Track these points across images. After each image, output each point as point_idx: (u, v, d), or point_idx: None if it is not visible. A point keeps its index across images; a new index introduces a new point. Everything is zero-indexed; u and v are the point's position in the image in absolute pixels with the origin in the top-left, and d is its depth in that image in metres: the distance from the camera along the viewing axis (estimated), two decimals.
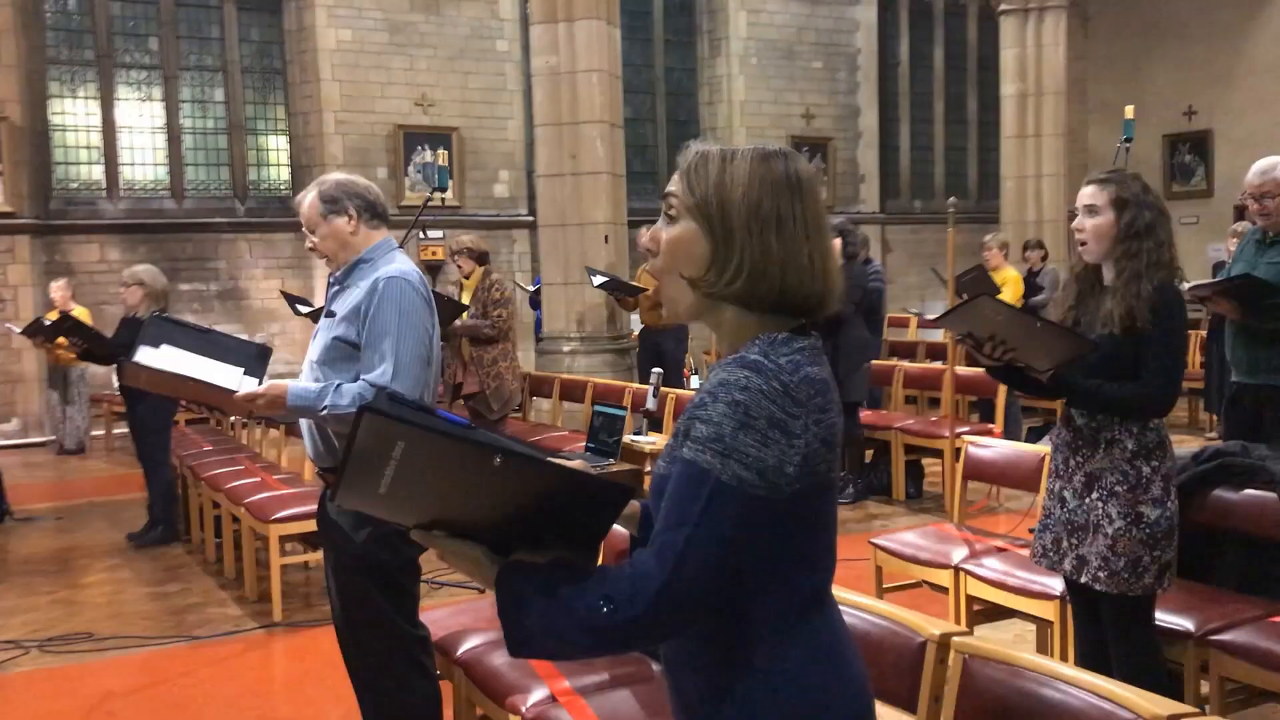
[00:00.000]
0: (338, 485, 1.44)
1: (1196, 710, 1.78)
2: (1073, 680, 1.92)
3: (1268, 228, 4.53)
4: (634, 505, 1.67)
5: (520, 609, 1.40)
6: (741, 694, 1.46)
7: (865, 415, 7.68)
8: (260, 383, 3.08)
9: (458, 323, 6.68)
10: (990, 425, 7.50)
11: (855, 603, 2.38)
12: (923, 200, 16.57)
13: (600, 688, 2.89)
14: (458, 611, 3.74)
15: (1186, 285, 4.53)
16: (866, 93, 15.78)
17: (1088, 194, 3.10)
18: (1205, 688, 3.29)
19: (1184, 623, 3.27)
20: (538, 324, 10.15)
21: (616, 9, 9.08)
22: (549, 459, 1.47)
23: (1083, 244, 3.11)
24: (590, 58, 8.75)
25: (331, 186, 3.14)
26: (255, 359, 3.19)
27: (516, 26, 12.88)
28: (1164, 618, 3.27)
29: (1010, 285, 8.77)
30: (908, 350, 11.06)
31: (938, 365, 8.68)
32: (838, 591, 2.45)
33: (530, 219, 12.28)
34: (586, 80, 8.75)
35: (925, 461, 7.70)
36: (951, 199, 6.95)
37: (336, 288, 3.15)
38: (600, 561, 2.06)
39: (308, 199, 3.14)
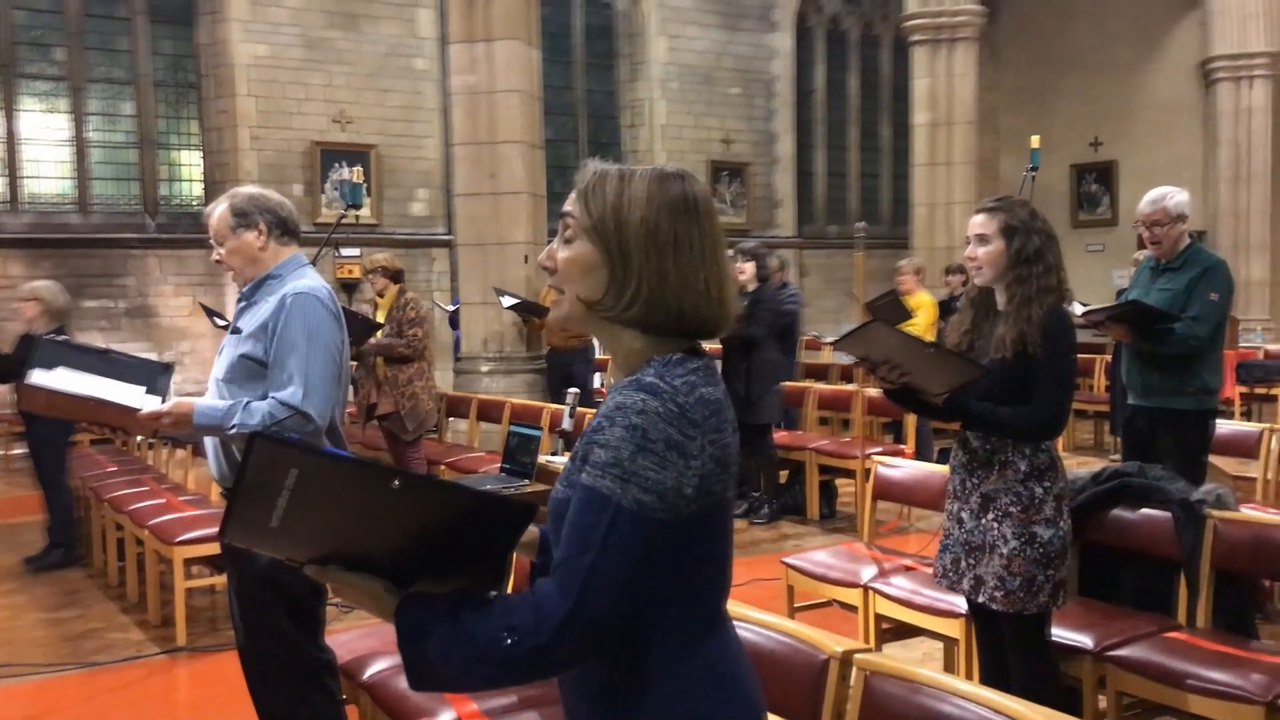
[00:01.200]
0: (226, 521, 1.39)
1: None
2: (969, 695, 1.95)
3: (1159, 255, 4.70)
4: (532, 531, 1.66)
5: (421, 642, 1.37)
6: (634, 715, 1.46)
7: (780, 436, 7.76)
8: (164, 401, 3.01)
9: (372, 341, 6.61)
10: (902, 446, 7.63)
11: (760, 621, 2.40)
12: (838, 225, 16.84)
13: (508, 710, 2.87)
14: (366, 635, 3.68)
15: (1081, 310, 4.69)
16: (783, 119, 16.02)
17: (978, 223, 3.17)
18: (1104, 703, 3.37)
19: (1083, 639, 3.35)
20: (456, 344, 10.08)
21: (536, 30, 9.10)
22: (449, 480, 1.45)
23: (977, 270, 3.19)
24: (510, 78, 8.74)
25: (243, 200, 3.10)
26: (156, 377, 3.11)
27: (435, 45, 12.83)
28: (1063, 635, 3.35)
29: (924, 310, 8.93)
30: (821, 372, 11.21)
31: (850, 387, 8.80)
32: (745, 610, 2.49)
33: (449, 238, 12.21)
34: (506, 100, 8.74)
35: (839, 482, 7.80)
36: (861, 223, 7.08)
37: (244, 304, 3.10)
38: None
39: (217, 211, 3.09)
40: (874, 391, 7.31)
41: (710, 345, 1.83)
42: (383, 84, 12.80)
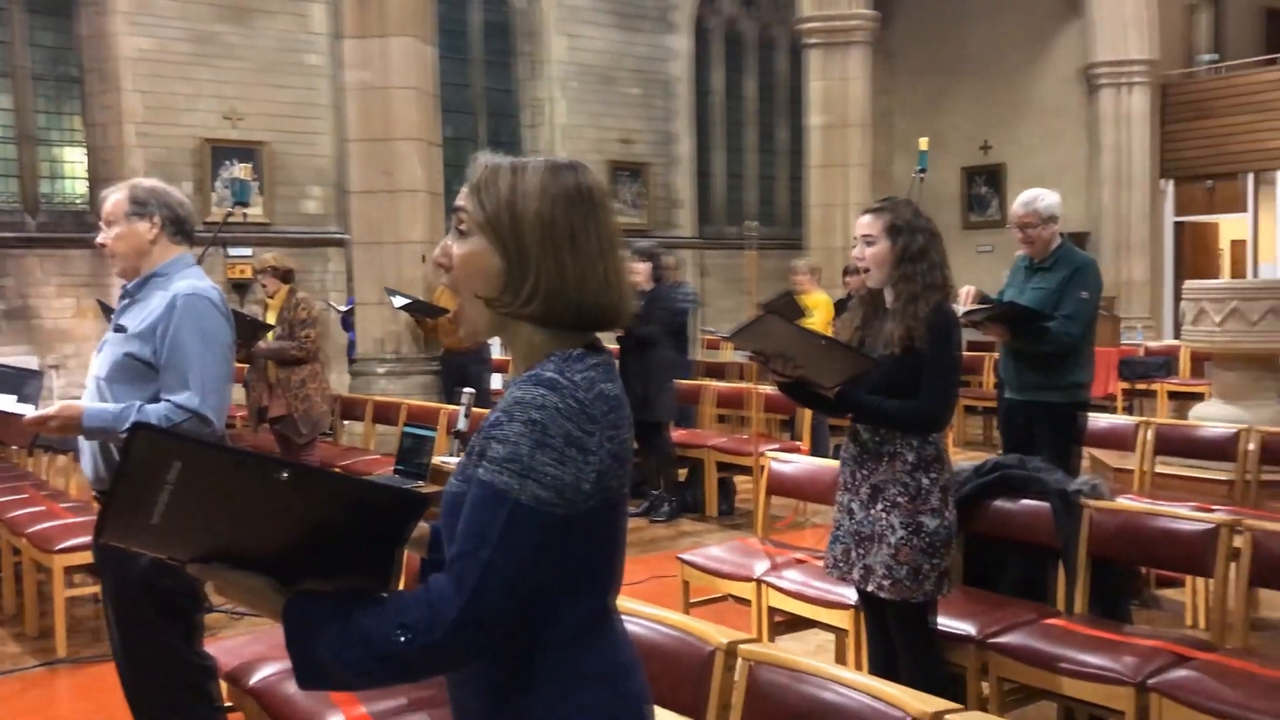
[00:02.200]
0: (103, 519, 1.33)
1: (959, 707, 1.88)
2: (850, 683, 1.99)
3: (1032, 255, 4.87)
4: (423, 528, 1.64)
5: (310, 640, 1.35)
6: (521, 711, 1.45)
7: (678, 435, 7.81)
8: (35, 409, 2.92)
9: (262, 344, 6.46)
10: (798, 443, 7.75)
11: (650, 615, 2.41)
12: (737, 226, 16.97)
13: (398, 713, 2.84)
14: (253, 640, 3.61)
15: (960, 311, 4.84)
16: (682, 120, 16.11)
17: (864, 224, 3.25)
18: (987, 689, 3.46)
19: (966, 628, 3.44)
20: (351, 345, 9.91)
21: (431, 26, 9.01)
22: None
23: (865, 271, 3.27)
24: (405, 74, 8.64)
25: (144, 190, 3.04)
26: (25, 384, 3.02)
27: (328, 40, 12.60)
28: (948, 623, 3.43)
29: (820, 309, 9.07)
30: (720, 371, 11.30)
31: (747, 385, 8.89)
32: (635, 604, 2.50)
33: (344, 236, 12.00)
34: (401, 97, 8.64)
35: (737, 479, 7.87)
36: (753, 222, 7.17)
37: (127, 300, 3.02)
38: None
39: (116, 195, 3.03)
40: (771, 389, 7.41)
41: (608, 343, 1.84)
42: (274, 80, 12.52)
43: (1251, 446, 5.20)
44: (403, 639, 1.32)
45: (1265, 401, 7.15)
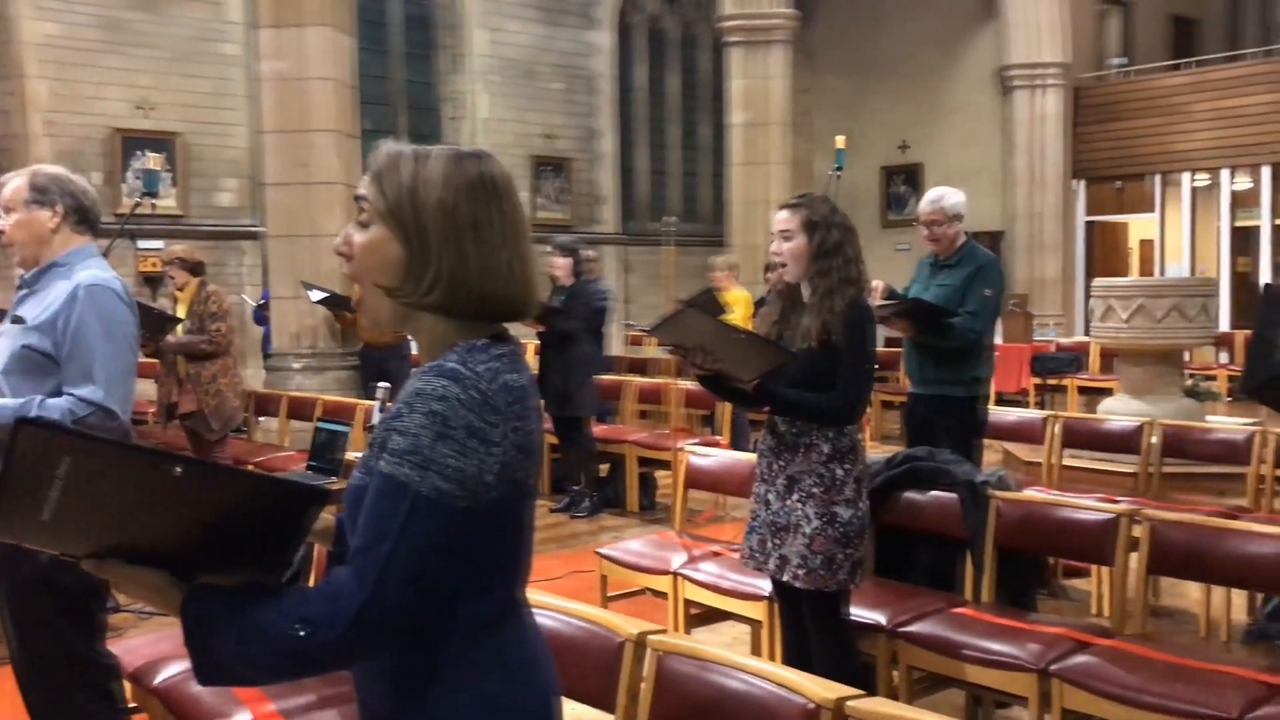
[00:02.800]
0: None
1: (861, 693, 1.90)
2: (756, 671, 2.01)
3: (938, 252, 4.97)
4: (329, 520, 1.62)
5: (209, 635, 1.33)
6: (427, 703, 1.44)
7: (600, 430, 7.81)
8: None
9: (171, 339, 6.32)
10: (718, 438, 7.79)
11: (561, 608, 2.41)
12: (660, 222, 17.05)
13: (307, 709, 2.80)
14: (159, 639, 3.52)
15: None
16: (606, 116, 16.11)
17: (781, 219, 3.29)
18: (897, 677, 3.52)
19: (877, 617, 3.49)
20: (267, 340, 9.74)
21: (350, 17, 8.88)
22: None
23: (782, 265, 3.30)
24: (322, 65, 8.50)
25: (46, 177, 2.96)
26: None
27: (244, 29, 12.36)
28: (860, 613, 3.49)
29: (740, 305, 9.12)
30: (642, 366, 11.33)
31: (667, 380, 8.93)
32: (546, 597, 2.49)
33: (259, 229, 11.79)
34: (319, 88, 8.50)
35: (658, 474, 7.90)
36: (672, 217, 7.19)
37: (25, 291, 2.94)
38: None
39: (16, 181, 2.96)
40: (692, 385, 7.44)
41: (529, 340, 1.82)
42: (188, 69, 12.24)
43: (1154, 440, 5.35)
44: (303, 633, 1.31)
45: (1169, 396, 7.38)
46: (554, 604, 2.41)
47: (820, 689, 1.89)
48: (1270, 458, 4.96)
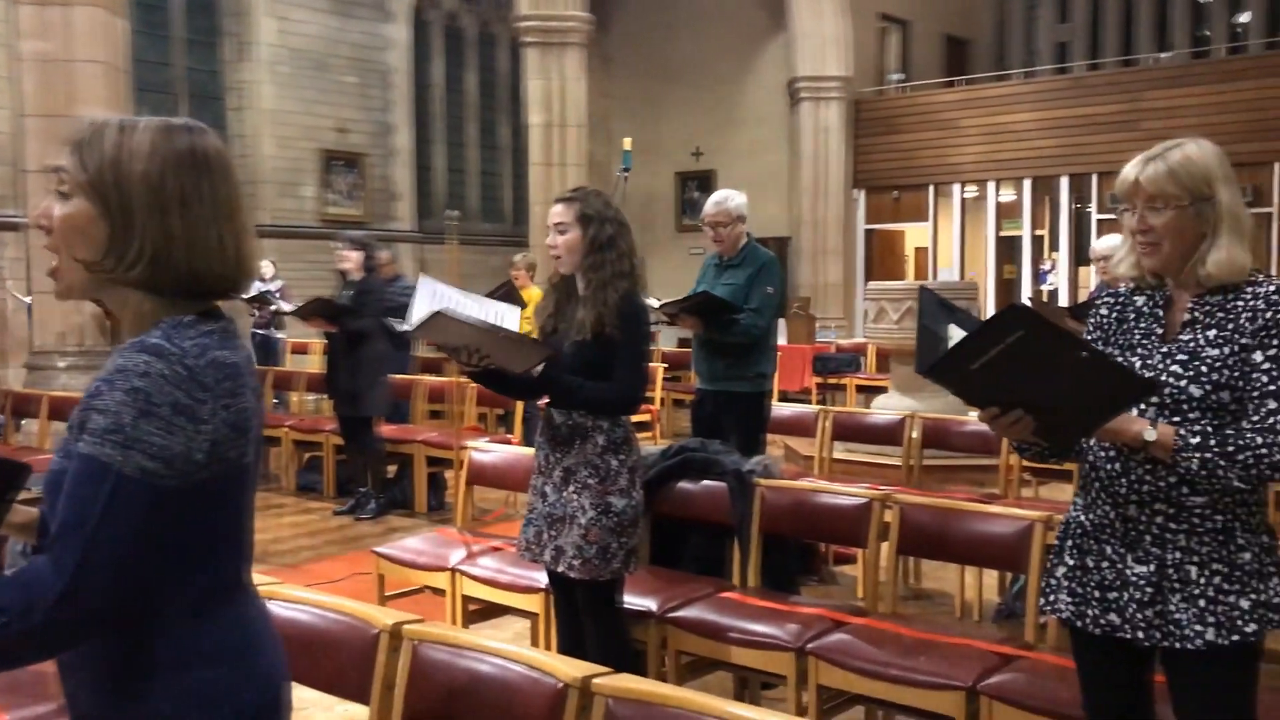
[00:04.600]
0: None
1: (609, 670, 1.96)
2: (508, 655, 2.03)
3: (722, 252, 5.13)
4: (30, 513, 1.54)
5: None
6: (140, 693, 1.40)
7: (387, 430, 7.67)
8: None
9: None
10: (510, 435, 7.78)
11: (316, 601, 2.37)
12: (458, 222, 16.88)
13: (45, 719, 2.65)
14: None
15: (656, 303, 5.04)
16: (401, 111, 15.84)
17: (557, 212, 3.34)
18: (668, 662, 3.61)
19: (648, 604, 3.57)
20: None
21: None
22: None
23: (557, 257, 3.35)
24: (90, 47, 8.05)
25: None
26: None
27: (5, 7, 11.54)
28: (633, 601, 3.56)
29: (536, 303, 9.13)
30: (435, 366, 11.20)
31: (455, 379, 8.85)
32: (300, 591, 2.45)
33: (21, 219, 11.02)
34: (86, 70, 8.04)
35: (448, 474, 7.82)
36: (455, 211, 7.16)
37: None
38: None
39: None
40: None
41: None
42: None
43: (915, 434, 5.67)
44: None
45: (937, 393, 7.79)
46: (309, 598, 2.37)
47: (569, 669, 1.93)
48: (1008, 447, 5.31)
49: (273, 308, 10.28)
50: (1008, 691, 2.84)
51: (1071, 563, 2.24)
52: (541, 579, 3.76)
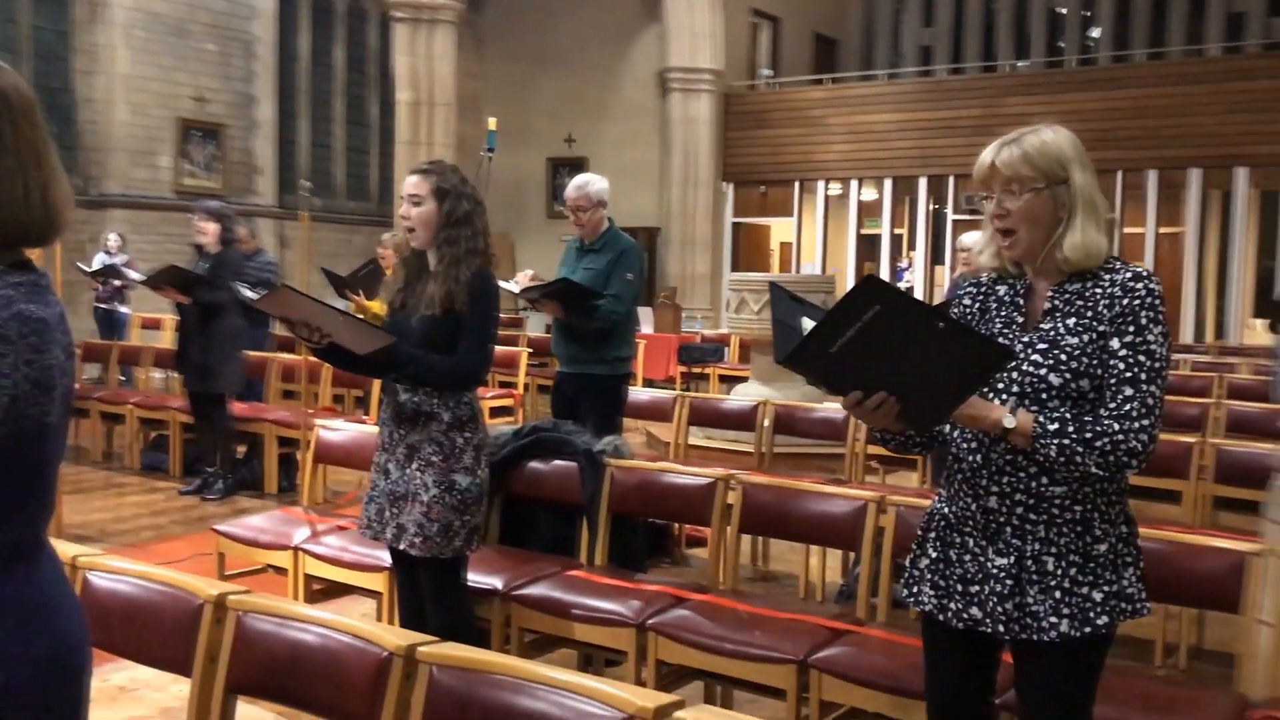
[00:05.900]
0: None
1: (434, 639, 1.95)
2: (332, 624, 2.01)
3: (583, 237, 5.15)
4: None
5: None
6: None
7: (239, 408, 7.46)
8: None
9: None
10: (366, 417, 7.65)
11: (138, 571, 2.30)
12: (323, 199, 16.50)
13: None
14: None
15: (517, 289, 5.04)
16: (264, 83, 15.37)
17: (412, 184, 3.28)
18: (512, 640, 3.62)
19: (493, 582, 3.57)
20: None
21: None
22: None
23: (410, 230, 3.29)
24: None
25: None
26: None
27: None
28: (478, 579, 3.55)
29: None
30: (290, 344, 10.94)
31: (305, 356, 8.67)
32: (115, 561, 2.37)
33: None
34: None
35: (300, 455, 7.65)
36: (307, 183, 7.02)
37: None
38: None
39: None
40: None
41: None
42: None
43: (767, 421, 5.79)
44: None
45: (795, 383, 7.99)
46: (132, 568, 2.30)
47: (394, 637, 1.92)
48: (855, 434, 5.48)
49: (118, 282, 9.89)
50: (836, 665, 2.94)
51: (934, 555, 2.23)
52: (386, 558, 3.71)
